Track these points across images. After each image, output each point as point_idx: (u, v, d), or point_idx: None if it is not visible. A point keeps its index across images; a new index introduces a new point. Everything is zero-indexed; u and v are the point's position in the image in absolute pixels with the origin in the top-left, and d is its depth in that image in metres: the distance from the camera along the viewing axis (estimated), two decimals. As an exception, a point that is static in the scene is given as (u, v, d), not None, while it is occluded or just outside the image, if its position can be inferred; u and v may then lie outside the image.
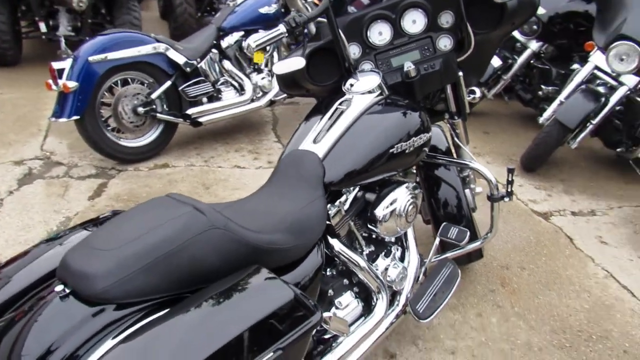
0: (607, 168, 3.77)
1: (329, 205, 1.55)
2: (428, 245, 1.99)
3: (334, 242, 1.58)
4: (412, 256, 1.84)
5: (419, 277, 1.85)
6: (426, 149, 1.79)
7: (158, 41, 3.05)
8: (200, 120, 3.25)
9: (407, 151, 1.65)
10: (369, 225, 1.69)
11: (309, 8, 3.58)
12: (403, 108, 1.69)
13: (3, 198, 2.76)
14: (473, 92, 2.08)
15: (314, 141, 1.61)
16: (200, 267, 1.15)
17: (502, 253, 2.62)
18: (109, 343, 1.03)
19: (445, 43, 1.83)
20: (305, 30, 2.44)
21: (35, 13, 4.42)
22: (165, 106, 3.20)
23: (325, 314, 1.37)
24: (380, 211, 1.64)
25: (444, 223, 1.95)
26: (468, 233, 1.89)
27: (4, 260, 1.31)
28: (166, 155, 3.35)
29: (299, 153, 1.60)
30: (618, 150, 3.58)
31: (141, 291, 1.08)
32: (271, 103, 3.62)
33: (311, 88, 1.87)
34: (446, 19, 1.81)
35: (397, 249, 1.85)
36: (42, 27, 4.43)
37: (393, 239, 1.85)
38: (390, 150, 1.61)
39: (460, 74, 1.91)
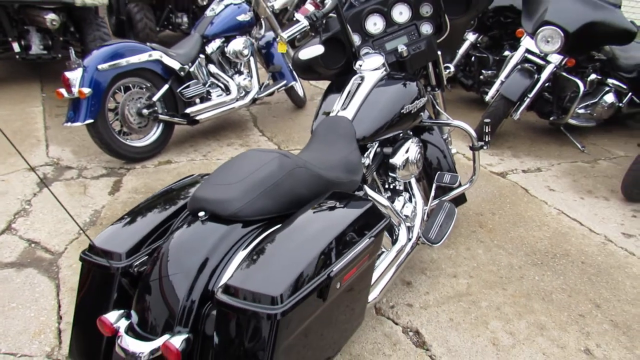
0: (543, 135, 4.45)
1: None
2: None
3: (364, 187, 2.01)
4: (418, 199, 2.30)
5: (424, 216, 2.31)
6: (422, 112, 2.26)
7: (154, 49, 3.36)
8: (197, 118, 3.58)
9: (412, 112, 2.12)
10: (389, 173, 2.14)
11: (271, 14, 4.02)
12: (404, 80, 2.16)
13: (30, 199, 2.96)
14: (447, 67, 2.59)
15: (342, 108, 2.04)
16: (295, 194, 1.55)
17: (474, 204, 3.15)
18: (242, 253, 1.40)
19: (427, 28, 2.32)
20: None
21: (8, 34, 4.54)
22: (164, 108, 3.51)
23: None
24: (397, 159, 2.10)
25: (438, 172, 2.43)
26: (459, 177, 2.39)
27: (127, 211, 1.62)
28: (167, 154, 3.65)
29: (333, 118, 2.02)
30: (551, 119, 4.25)
31: (260, 211, 1.46)
32: (254, 101, 3.99)
33: (323, 72, 2.30)
34: (426, 9, 2.30)
35: (406, 194, 2.30)
36: (16, 47, 4.55)
37: (402, 187, 2.31)
38: (401, 111, 2.06)
39: (439, 52, 2.41)
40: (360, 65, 2.19)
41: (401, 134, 2.26)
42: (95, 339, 1.45)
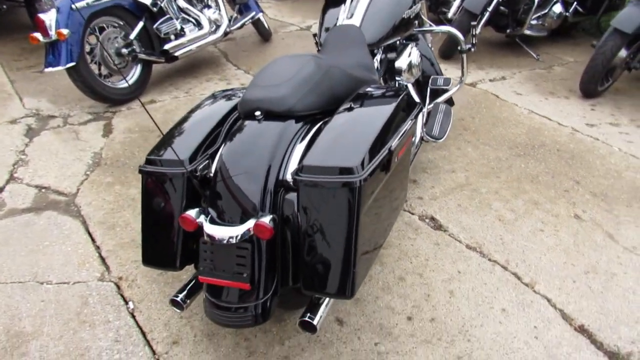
0: (501, 48, 4.71)
1: None
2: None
3: None
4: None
5: (423, 117, 2.50)
6: (417, 19, 2.40)
7: (124, -15, 3.27)
8: (176, 54, 3.55)
9: (410, 17, 2.26)
10: (396, 78, 2.29)
11: None
12: None
13: (23, 149, 2.91)
14: (430, -23, 2.71)
15: (347, 17, 2.15)
16: (333, 90, 1.68)
17: (454, 111, 3.37)
18: (301, 145, 1.52)
19: None
20: None
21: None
22: (141, 47, 3.45)
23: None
24: (402, 62, 2.25)
25: (432, 76, 2.60)
26: (452, 78, 2.58)
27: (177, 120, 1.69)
28: (149, 94, 3.62)
29: (341, 27, 2.12)
30: (507, 31, 4.50)
31: (310, 106, 1.58)
32: (225, 34, 3.98)
33: None
34: None
35: (407, 99, 2.47)
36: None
37: (402, 92, 2.47)
38: (403, 16, 2.20)
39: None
40: (358, -22, 2.27)
41: (398, 42, 2.40)
42: (169, 242, 1.56)
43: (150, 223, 1.60)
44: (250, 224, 1.35)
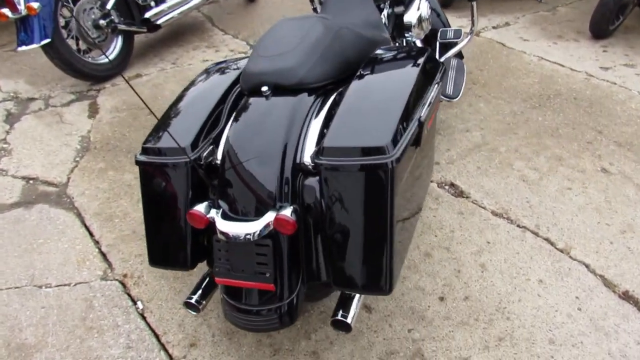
0: (501, -9, 4.45)
1: None
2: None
3: None
4: (427, 59, 2.28)
5: (435, 75, 2.31)
6: None
7: (93, -51, 2.98)
8: (158, 22, 3.29)
9: None
10: (405, 34, 2.08)
11: None
12: None
13: (4, 137, 2.71)
14: None
15: (350, -29, 1.92)
16: (345, 55, 1.48)
17: (461, 64, 3.17)
18: (316, 121, 1.33)
19: None
20: None
21: None
22: (119, 17, 3.19)
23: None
24: (411, 17, 2.04)
25: (441, 29, 2.39)
26: (462, 30, 2.37)
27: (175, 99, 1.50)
28: (133, 68, 3.38)
29: (344, -18, 1.90)
30: (507, -28, 4.23)
31: (321, 76, 1.39)
32: (209, -3, 3.70)
33: None
34: None
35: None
36: None
37: (411, 49, 2.27)
38: (408, -34, 1.97)
39: None
40: None
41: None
42: (177, 239, 1.40)
43: (153, 220, 1.43)
44: (269, 217, 1.19)
